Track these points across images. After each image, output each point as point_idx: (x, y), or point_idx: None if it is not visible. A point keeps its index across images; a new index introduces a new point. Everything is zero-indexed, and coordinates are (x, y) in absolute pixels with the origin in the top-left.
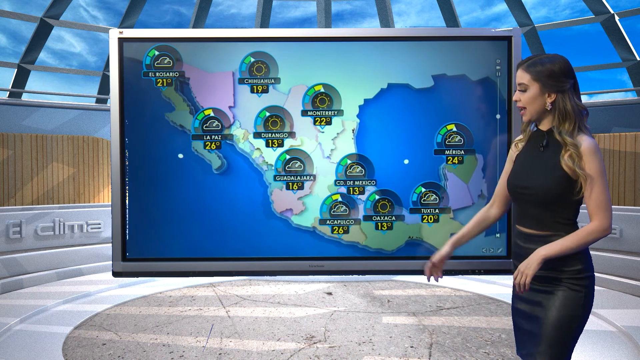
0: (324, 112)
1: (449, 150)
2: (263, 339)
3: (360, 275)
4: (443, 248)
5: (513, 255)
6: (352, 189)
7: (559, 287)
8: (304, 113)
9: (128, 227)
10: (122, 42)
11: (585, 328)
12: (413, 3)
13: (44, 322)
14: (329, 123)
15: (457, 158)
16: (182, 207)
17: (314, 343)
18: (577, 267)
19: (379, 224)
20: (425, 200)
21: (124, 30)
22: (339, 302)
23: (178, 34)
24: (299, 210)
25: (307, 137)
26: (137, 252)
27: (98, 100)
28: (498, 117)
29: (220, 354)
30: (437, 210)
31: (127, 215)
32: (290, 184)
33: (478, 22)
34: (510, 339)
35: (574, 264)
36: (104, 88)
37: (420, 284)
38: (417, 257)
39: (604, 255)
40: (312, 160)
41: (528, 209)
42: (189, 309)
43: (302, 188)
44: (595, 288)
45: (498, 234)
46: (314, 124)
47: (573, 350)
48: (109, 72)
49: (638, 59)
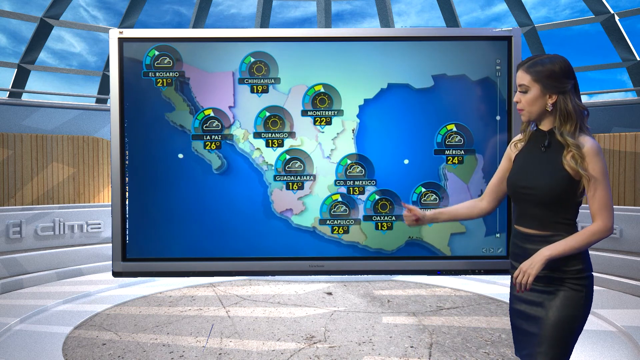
0: (324, 112)
1: (449, 150)
2: (263, 339)
3: (360, 275)
4: (427, 213)
5: (511, 256)
6: (352, 189)
7: (560, 287)
8: (304, 113)
9: (128, 227)
10: (122, 42)
11: (586, 328)
12: (413, 3)
13: (44, 322)
14: (329, 123)
15: (457, 158)
16: (182, 207)
17: (314, 343)
18: (578, 267)
19: (379, 224)
20: (425, 200)
21: (124, 30)
22: (339, 302)
23: (178, 34)
24: (299, 210)
25: (307, 137)
26: (137, 252)
27: (98, 100)
28: (498, 118)
29: (220, 354)
30: None
31: (127, 215)
32: (290, 184)
33: (478, 22)
34: (510, 339)
35: (575, 264)
36: (104, 88)
37: (420, 284)
38: (417, 257)
39: (604, 255)
40: (312, 160)
41: (529, 209)
42: (189, 309)
43: (302, 188)
44: (596, 288)
45: (498, 234)
46: (314, 124)
47: (572, 350)
48: (109, 72)
49: (638, 59)
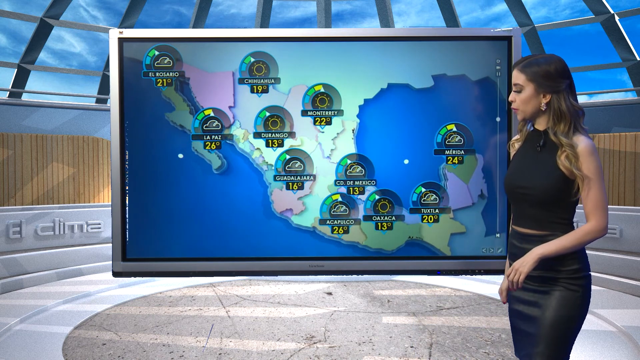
0: (324, 112)
1: (449, 150)
2: (263, 339)
3: (360, 275)
4: (503, 282)
5: (509, 256)
6: (352, 189)
7: (556, 287)
8: (304, 113)
9: (128, 227)
10: (122, 42)
11: (585, 328)
12: (413, 3)
13: (44, 322)
14: (329, 123)
15: (457, 158)
16: (182, 207)
17: (314, 343)
18: (573, 266)
19: (379, 224)
20: (425, 200)
21: (124, 30)
22: (339, 302)
23: (178, 34)
24: (299, 210)
25: (307, 137)
26: (137, 252)
27: (98, 100)
28: (498, 120)
29: (220, 354)
30: (437, 210)
31: (127, 215)
32: (290, 184)
33: (478, 22)
34: (510, 339)
35: (571, 264)
36: (104, 88)
37: (420, 284)
38: (417, 257)
39: (604, 255)
40: (312, 160)
41: (525, 209)
42: (189, 309)
43: (302, 188)
44: (595, 288)
45: (498, 234)
46: (314, 124)
47: (571, 350)
48: (109, 72)
49: (638, 59)
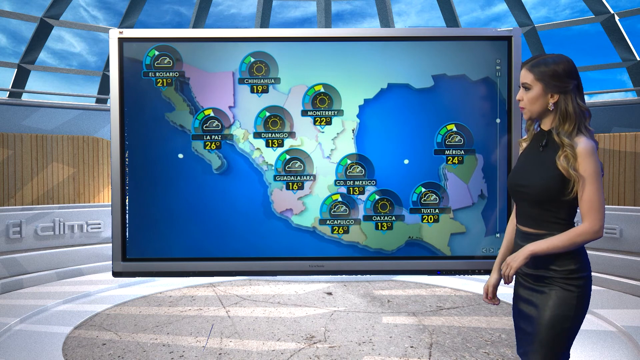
0: (324, 112)
1: (449, 150)
2: (263, 339)
3: (360, 275)
4: (492, 276)
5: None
6: (352, 189)
7: (552, 286)
8: (304, 113)
9: (128, 227)
10: (122, 42)
11: (585, 328)
12: (413, 3)
13: (44, 322)
14: (329, 123)
15: (457, 158)
16: (182, 207)
17: (314, 343)
18: (569, 267)
19: (379, 224)
20: (425, 200)
21: (124, 30)
22: (339, 302)
23: (178, 34)
24: (299, 210)
25: (307, 137)
26: (137, 252)
27: (98, 100)
28: (498, 121)
29: (220, 354)
30: (437, 210)
31: (127, 215)
32: (290, 184)
33: (478, 22)
34: (510, 339)
35: (567, 264)
36: (104, 88)
37: (420, 284)
38: (417, 257)
39: (604, 255)
40: (312, 160)
41: (525, 208)
42: (189, 309)
43: (302, 188)
44: (595, 288)
45: (498, 234)
46: (314, 124)
47: (569, 350)
48: (109, 72)
49: (638, 59)
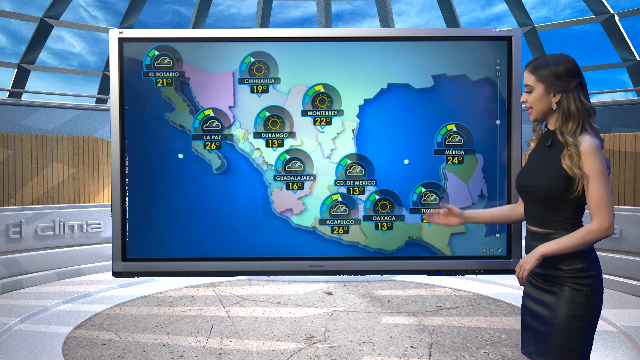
0: (324, 112)
1: (449, 150)
2: (263, 339)
3: (360, 275)
4: (465, 212)
5: (524, 253)
6: (352, 189)
7: (562, 286)
8: (304, 113)
9: (128, 227)
10: (122, 42)
11: None
12: (413, 3)
13: (44, 322)
14: (329, 123)
15: (457, 158)
16: (182, 207)
17: (314, 343)
18: (577, 265)
19: (379, 224)
20: (425, 200)
21: (124, 30)
22: (339, 302)
23: (178, 34)
24: (299, 210)
25: (307, 137)
26: (137, 252)
27: (98, 100)
28: (498, 122)
29: (220, 354)
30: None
31: (127, 215)
32: (290, 184)
33: (478, 22)
34: (510, 339)
35: (574, 263)
36: (104, 88)
37: (420, 284)
38: (417, 257)
39: (604, 255)
40: (312, 160)
41: (532, 207)
42: (189, 309)
43: (302, 188)
44: None
45: (498, 234)
46: (314, 124)
47: (588, 352)
48: (109, 72)
49: (638, 59)
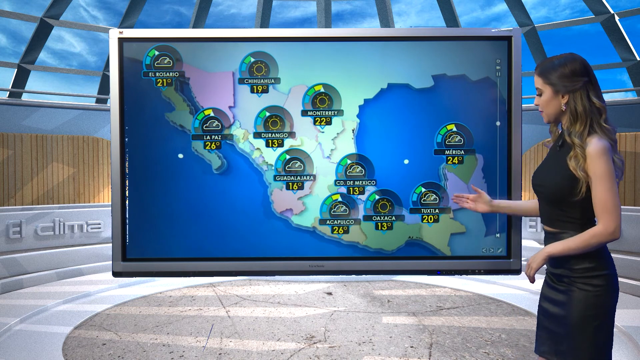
0: (324, 112)
1: (449, 150)
2: (263, 339)
3: (360, 275)
4: (494, 201)
5: None
6: (352, 189)
7: (572, 286)
8: (304, 113)
9: (128, 227)
10: (122, 42)
11: None
12: (413, 3)
13: (44, 322)
14: (329, 123)
15: (457, 158)
16: (182, 207)
17: (314, 343)
18: (585, 265)
19: (379, 224)
20: (425, 200)
21: (124, 30)
22: (339, 302)
23: (178, 34)
24: (299, 210)
25: (307, 137)
26: (137, 252)
27: (98, 100)
28: (498, 124)
29: (220, 354)
30: (437, 210)
31: (127, 215)
32: (290, 184)
33: (478, 22)
34: (510, 339)
35: (582, 263)
36: (104, 88)
37: (420, 284)
38: (417, 257)
39: None
40: (312, 160)
41: (544, 206)
42: (189, 309)
43: (302, 188)
44: None
45: (498, 234)
46: (314, 124)
47: (604, 352)
48: (109, 72)
49: (638, 59)
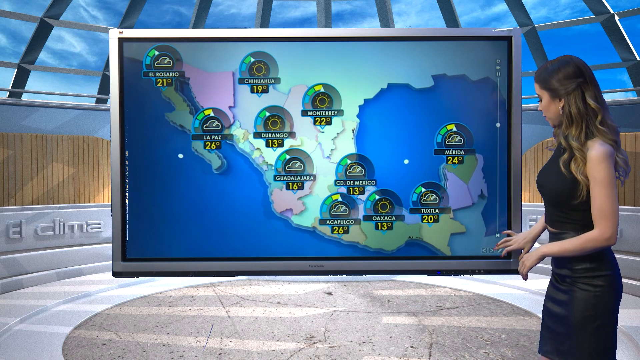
0: (324, 112)
1: (449, 150)
2: (263, 339)
3: (360, 275)
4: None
5: None
6: (352, 189)
7: (573, 286)
8: (304, 113)
9: (128, 227)
10: (122, 42)
11: None
12: (413, 3)
13: (44, 322)
14: (329, 123)
15: (457, 158)
16: (182, 207)
17: (314, 343)
18: (586, 265)
19: (379, 224)
20: (425, 200)
21: (124, 30)
22: (339, 302)
23: (178, 34)
24: (299, 210)
25: (307, 137)
26: (137, 252)
27: (98, 100)
28: (498, 125)
29: (220, 354)
30: (437, 210)
31: (127, 215)
32: (290, 184)
33: (478, 22)
34: (510, 339)
35: (584, 263)
36: (104, 88)
37: (420, 284)
38: (417, 257)
39: None
40: (312, 160)
41: (547, 207)
42: (189, 309)
43: (302, 188)
44: None
45: (498, 234)
46: (314, 124)
47: (607, 352)
48: (109, 72)
49: (638, 59)
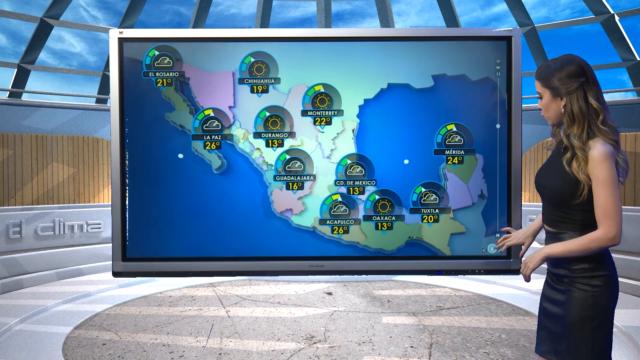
0: (324, 112)
1: (449, 150)
2: (263, 339)
3: (360, 275)
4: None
5: None
6: (352, 189)
7: (571, 286)
8: (304, 113)
9: (128, 227)
10: (122, 42)
11: None
12: (413, 3)
13: (44, 322)
14: (329, 123)
15: (457, 158)
16: (182, 207)
17: (314, 343)
18: (584, 265)
19: (379, 224)
20: (425, 200)
21: (124, 30)
22: (339, 302)
23: (178, 34)
24: (299, 210)
25: (307, 137)
26: (137, 252)
27: (98, 100)
28: (498, 126)
29: (220, 354)
30: (437, 210)
31: (127, 215)
32: (290, 184)
33: (478, 22)
34: (510, 339)
35: (582, 263)
36: (104, 88)
37: (420, 284)
38: (417, 257)
39: None
40: (312, 160)
41: (545, 206)
42: (189, 309)
43: (302, 188)
44: None
45: (498, 234)
46: (314, 124)
47: (603, 352)
48: (109, 72)
49: (638, 59)
